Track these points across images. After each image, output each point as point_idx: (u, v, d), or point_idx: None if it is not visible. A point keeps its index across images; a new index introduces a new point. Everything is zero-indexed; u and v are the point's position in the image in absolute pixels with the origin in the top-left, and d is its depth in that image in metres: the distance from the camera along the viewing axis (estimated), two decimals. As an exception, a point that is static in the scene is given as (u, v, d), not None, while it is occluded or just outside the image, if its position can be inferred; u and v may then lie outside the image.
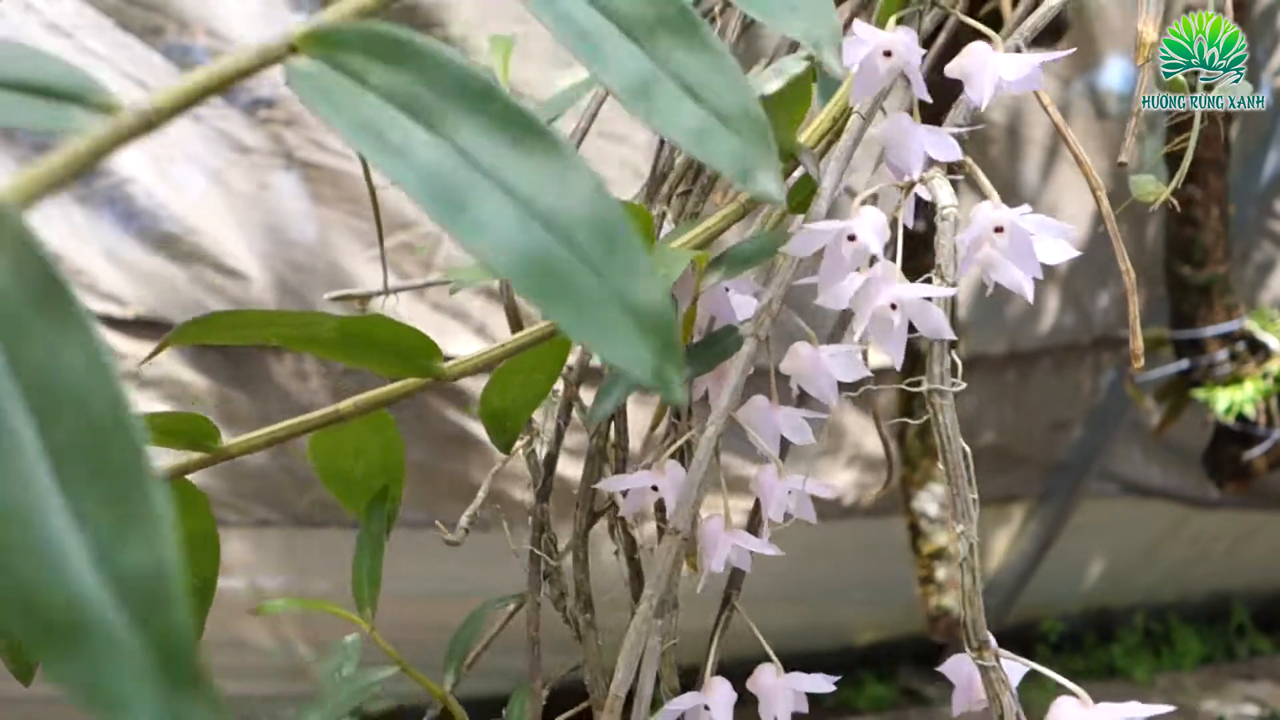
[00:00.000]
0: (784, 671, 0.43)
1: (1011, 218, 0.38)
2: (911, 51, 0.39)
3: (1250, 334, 1.41)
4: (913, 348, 1.34)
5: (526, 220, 0.23)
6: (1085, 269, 1.99)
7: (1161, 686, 2.36)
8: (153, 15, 1.35)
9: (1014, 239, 0.38)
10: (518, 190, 0.23)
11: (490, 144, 0.23)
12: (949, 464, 0.36)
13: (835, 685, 0.41)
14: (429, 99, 0.24)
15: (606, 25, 0.27)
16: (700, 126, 0.27)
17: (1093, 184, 0.45)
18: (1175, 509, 2.26)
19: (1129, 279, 0.44)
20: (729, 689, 0.42)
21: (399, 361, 0.40)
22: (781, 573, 2.26)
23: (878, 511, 1.93)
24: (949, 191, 0.40)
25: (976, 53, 0.40)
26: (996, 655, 0.36)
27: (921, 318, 0.37)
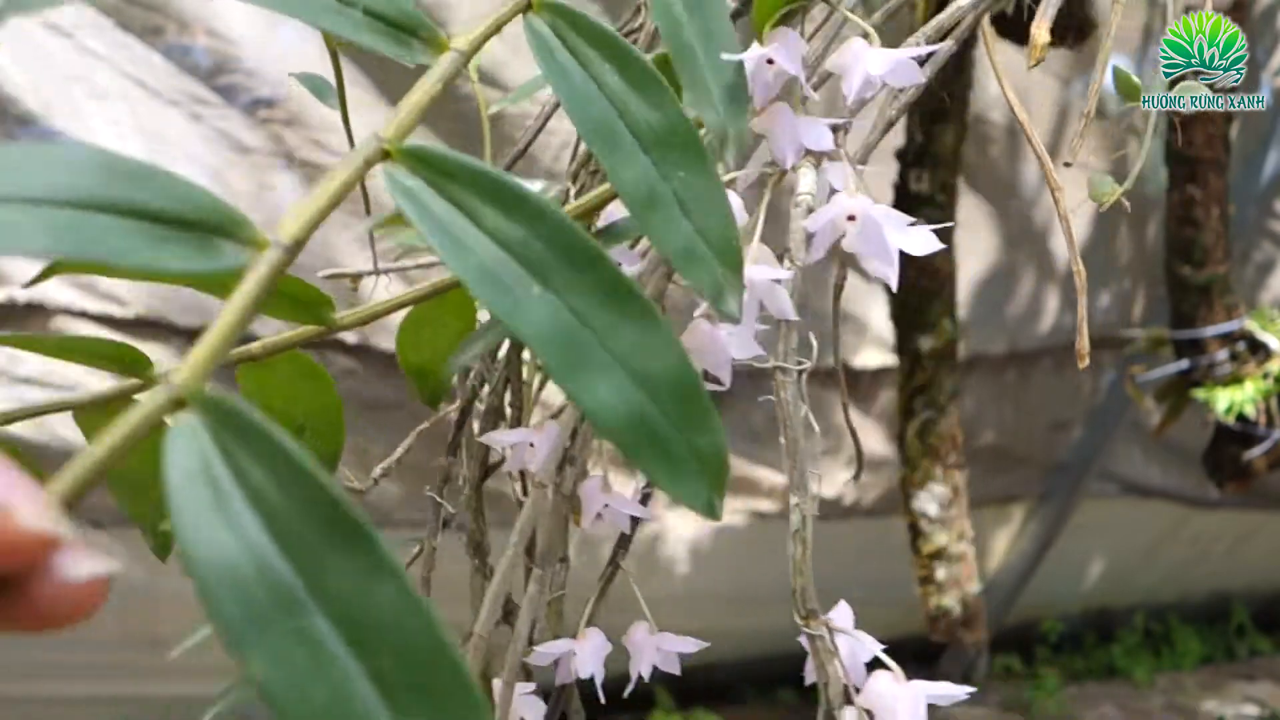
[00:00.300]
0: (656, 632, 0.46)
1: (863, 206, 0.39)
2: (791, 56, 0.40)
3: (1250, 334, 1.42)
4: (913, 347, 1.35)
5: (629, 384, 0.26)
6: (1085, 269, 1.99)
7: (1161, 686, 2.36)
8: (153, 15, 1.35)
9: (865, 227, 0.39)
10: (622, 354, 0.26)
11: (600, 308, 0.26)
12: (789, 439, 0.38)
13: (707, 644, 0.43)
14: (542, 254, 0.26)
15: (631, 140, 0.31)
16: (688, 246, 0.32)
17: (1052, 183, 0.45)
18: (1175, 509, 2.26)
19: (1079, 278, 0.45)
20: (602, 639, 0.44)
21: (295, 309, 0.42)
22: (781, 574, 2.23)
23: (878, 511, 1.93)
24: (810, 180, 0.41)
25: (852, 49, 0.41)
26: (827, 626, 0.36)
27: (770, 298, 0.38)
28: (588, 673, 0.43)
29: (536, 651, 0.42)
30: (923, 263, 1.35)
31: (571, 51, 0.32)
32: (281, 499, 0.20)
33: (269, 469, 0.20)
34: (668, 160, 0.32)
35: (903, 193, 1.36)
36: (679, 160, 0.32)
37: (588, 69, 0.32)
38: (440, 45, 0.30)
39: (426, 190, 0.26)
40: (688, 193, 0.32)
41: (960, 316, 1.42)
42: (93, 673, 1.49)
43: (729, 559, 1.81)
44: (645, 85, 0.32)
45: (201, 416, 0.20)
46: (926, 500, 1.40)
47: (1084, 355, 0.44)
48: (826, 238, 0.40)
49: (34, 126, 1.32)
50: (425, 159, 0.26)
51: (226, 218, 0.23)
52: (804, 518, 0.37)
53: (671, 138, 0.32)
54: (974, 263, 1.82)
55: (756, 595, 1.91)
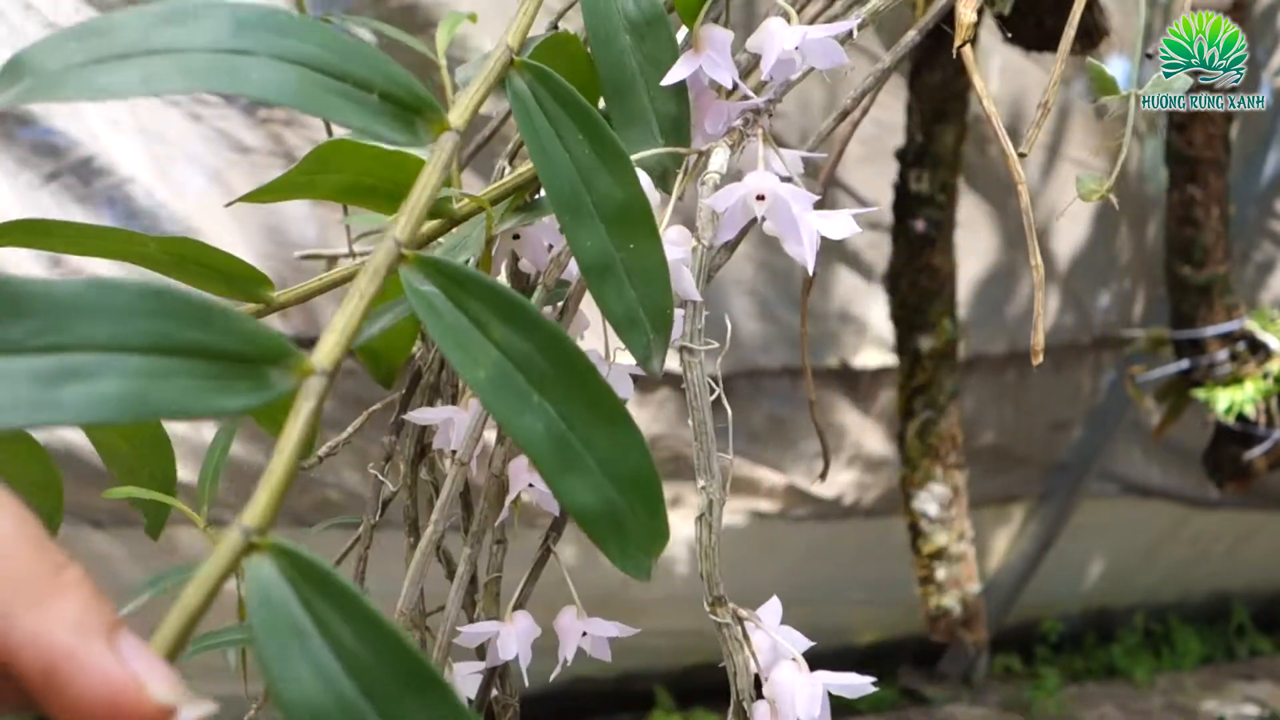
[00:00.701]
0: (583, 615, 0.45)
1: (771, 185, 0.39)
2: (722, 63, 0.41)
3: (1250, 334, 1.41)
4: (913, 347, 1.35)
5: (604, 482, 0.29)
6: (1085, 269, 1.99)
7: (1161, 686, 2.36)
8: (152, 15, 1.35)
9: (775, 206, 0.39)
10: (600, 458, 0.29)
11: (588, 418, 0.29)
12: (695, 421, 0.38)
13: None
14: (543, 367, 0.28)
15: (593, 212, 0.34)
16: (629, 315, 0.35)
17: (1016, 176, 0.45)
18: (1175, 509, 2.26)
19: (1038, 274, 0.45)
20: (530, 623, 0.44)
21: (228, 286, 0.42)
22: (782, 574, 2.25)
23: (878, 511, 1.93)
24: (722, 159, 0.41)
25: (768, 27, 0.41)
26: (736, 614, 0.36)
27: (674, 278, 0.38)
28: (511, 654, 0.42)
29: (463, 632, 0.42)
30: (923, 263, 1.35)
31: (549, 118, 0.34)
32: (360, 646, 0.21)
33: (345, 617, 0.21)
34: (622, 233, 0.35)
35: (903, 193, 1.36)
36: (631, 233, 0.35)
37: (563, 138, 0.34)
38: (441, 125, 0.31)
39: (440, 297, 0.28)
40: (635, 263, 0.35)
41: (960, 316, 1.42)
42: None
43: (729, 559, 1.80)
44: (613, 161, 0.34)
45: (275, 560, 0.22)
46: (926, 500, 1.40)
47: (1038, 352, 0.44)
48: (737, 218, 0.40)
49: (34, 126, 1.32)
50: (439, 268, 0.28)
51: (277, 347, 0.24)
52: (711, 502, 0.37)
53: (628, 212, 0.35)
54: (974, 263, 1.82)
55: (756, 595, 1.89)
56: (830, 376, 1.84)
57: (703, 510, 0.37)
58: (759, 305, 1.73)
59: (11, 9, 1.28)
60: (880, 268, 1.59)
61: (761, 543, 1.87)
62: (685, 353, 0.38)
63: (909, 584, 1.44)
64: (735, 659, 0.36)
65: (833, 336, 1.81)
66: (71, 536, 1.45)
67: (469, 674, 0.44)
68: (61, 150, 1.33)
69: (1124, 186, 1.98)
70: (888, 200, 1.39)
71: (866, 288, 1.79)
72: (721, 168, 0.41)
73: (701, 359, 0.39)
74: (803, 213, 0.40)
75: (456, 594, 0.41)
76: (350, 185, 0.42)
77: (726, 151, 0.41)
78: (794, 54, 0.40)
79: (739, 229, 0.41)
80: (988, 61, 1.63)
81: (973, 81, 0.45)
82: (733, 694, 0.36)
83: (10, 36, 1.28)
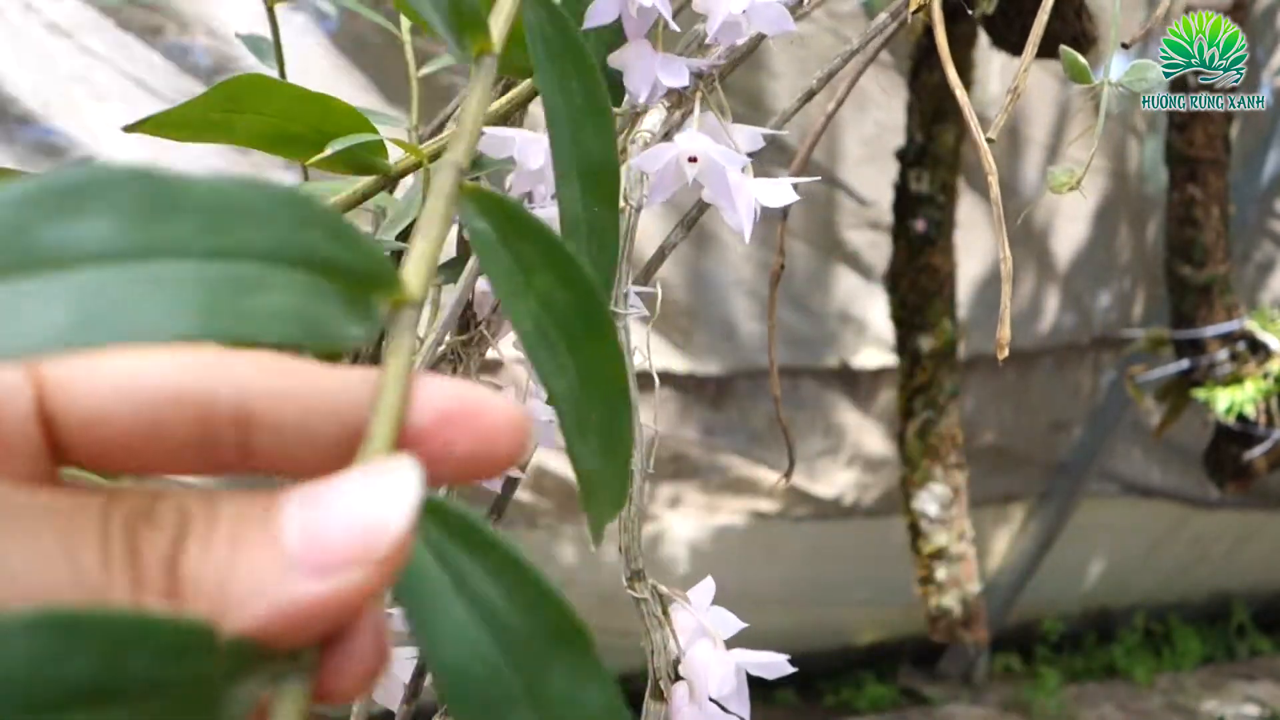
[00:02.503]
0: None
1: (704, 146, 0.38)
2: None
3: (1250, 334, 1.41)
4: (913, 347, 1.36)
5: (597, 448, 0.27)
6: (1085, 269, 1.99)
7: (1162, 687, 2.36)
8: (153, 15, 1.35)
9: (708, 169, 0.38)
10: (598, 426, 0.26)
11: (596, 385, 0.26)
12: None
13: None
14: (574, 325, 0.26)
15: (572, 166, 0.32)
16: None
17: (987, 167, 0.45)
18: (1175, 509, 2.26)
19: (1005, 266, 0.44)
20: None
21: None
22: (782, 574, 2.25)
23: (878, 511, 1.93)
24: (656, 119, 0.40)
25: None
26: (655, 590, 0.35)
27: None
28: None
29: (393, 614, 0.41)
30: (923, 263, 1.35)
31: (552, 58, 0.32)
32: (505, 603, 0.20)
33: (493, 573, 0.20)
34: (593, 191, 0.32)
35: (903, 193, 1.36)
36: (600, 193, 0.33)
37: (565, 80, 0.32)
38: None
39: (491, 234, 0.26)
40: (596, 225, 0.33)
41: (960, 316, 1.43)
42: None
43: (729, 559, 1.81)
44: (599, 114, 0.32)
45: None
46: (926, 500, 1.40)
47: (1004, 346, 0.44)
48: (669, 180, 0.39)
49: (34, 126, 1.32)
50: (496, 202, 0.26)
51: (388, 271, 0.20)
52: (630, 473, 0.35)
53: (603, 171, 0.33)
54: (974, 263, 1.82)
55: (756, 595, 1.91)
56: (830, 376, 1.84)
57: None
58: (759, 305, 1.73)
59: (11, 9, 1.28)
60: (880, 268, 1.59)
61: (761, 543, 1.87)
62: None
63: (909, 584, 1.44)
64: (653, 637, 0.35)
65: (833, 336, 1.81)
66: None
67: (404, 659, 0.42)
68: (61, 150, 1.33)
69: (1124, 186, 1.98)
70: (888, 200, 1.40)
71: (866, 288, 1.79)
72: (655, 127, 0.39)
73: (626, 324, 0.37)
74: (740, 179, 0.38)
75: None
76: (274, 132, 0.38)
77: (662, 112, 0.40)
78: (741, 18, 0.39)
79: (669, 192, 0.39)
80: (987, 63, 1.63)
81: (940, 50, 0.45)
82: (649, 674, 0.35)
83: (11, 37, 1.28)
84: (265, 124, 0.38)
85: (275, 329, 0.18)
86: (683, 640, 0.35)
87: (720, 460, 1.79)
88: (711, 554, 1.81)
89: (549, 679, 0.20)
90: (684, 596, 0.36)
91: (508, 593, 0.20)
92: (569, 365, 0.26)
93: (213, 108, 0.37)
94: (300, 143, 0.38)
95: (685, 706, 0.34)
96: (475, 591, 0.20)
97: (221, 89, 0.37)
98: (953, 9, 0.50)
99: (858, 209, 1.77)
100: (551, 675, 0.20)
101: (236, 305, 0.17)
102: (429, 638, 0.19)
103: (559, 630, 0.20)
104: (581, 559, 1.71)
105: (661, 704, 0.35)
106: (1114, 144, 1.92)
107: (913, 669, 2.29)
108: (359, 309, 0.20)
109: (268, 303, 0.18)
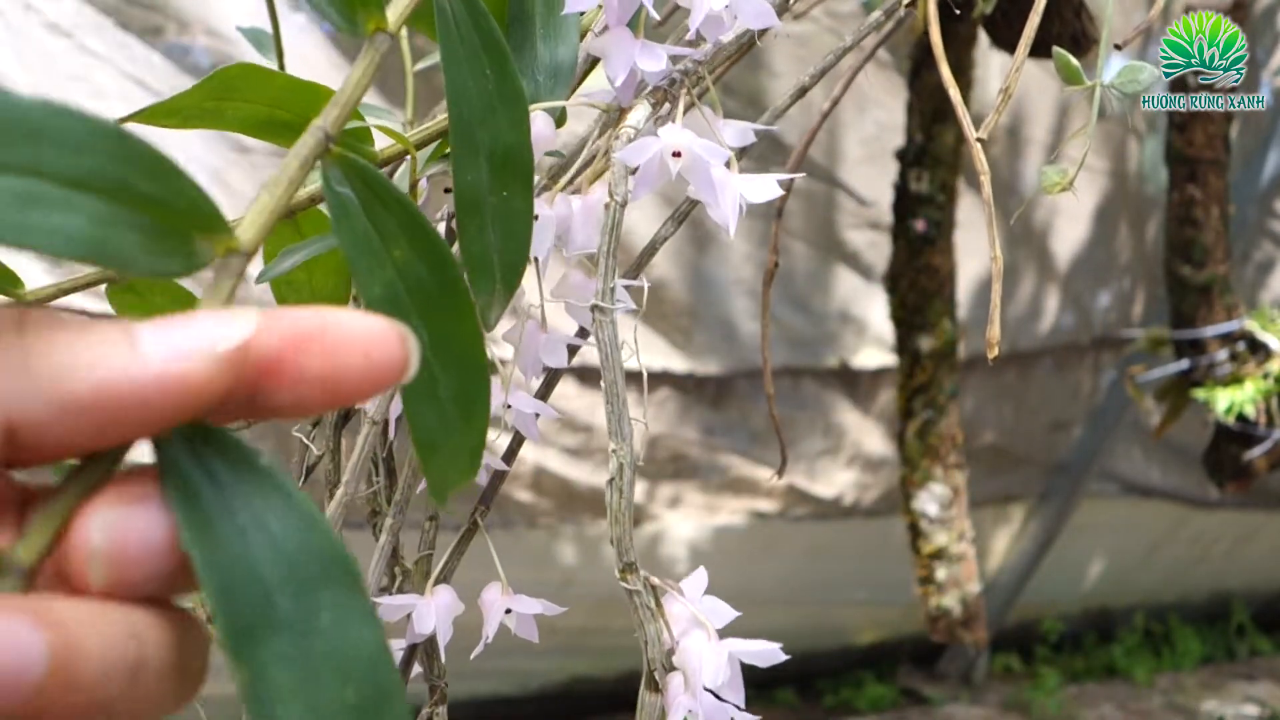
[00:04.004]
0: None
1: (688, 141, 0.38)
2: None
3: (1250, 334, 1.41)
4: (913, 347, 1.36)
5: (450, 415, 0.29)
6: (1085, 269, 1.99)
7: (1162, 687, 2.36)
8: (153, 15, 1.35)
9: (692, 164, 0.38)
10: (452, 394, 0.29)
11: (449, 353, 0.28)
12: (607, 381, 0.36)
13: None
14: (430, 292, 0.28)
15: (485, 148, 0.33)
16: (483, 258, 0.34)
17: (979, 167, 0.44)
18: (1175, 509, 2.26)
19: (996, 265, 0.44)
20: (452, 598, 0.42)
21: None
22: (782, 574, 2.25)
23: (878, 511, 1.93)
24: (642, 115, 0.40)
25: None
26: (648, 582, 0.35)
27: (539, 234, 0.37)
28: (429, 629, 0.41)
29: (382, 604, 0.41)
30: (923, 263, 1.35)
31: (463, 38, 0.32)
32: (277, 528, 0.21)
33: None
34: (501, 177, 0.33)
35: (903, 193, 1.36)
36: (509, 180, 0.33)
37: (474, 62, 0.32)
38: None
39: (354, 201, 0.27)
40: (502, 211, 0.34)
41: (960, 316, 1.42)
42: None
43: (729, 558, 1.81)
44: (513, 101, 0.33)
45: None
46: (926, 500, 1.40)
47: (994, 345, 0.44)
48: (653, 175, 0.39)
49: (34, 126, 1.32)
50: (359, 170, 0.27)
51: (213, 216, 0.22)
52: (621, 466, 0.35)
53: (512, 158, 0.33)
54: (974, 263, 1.82)
55: (756, 595, 1.91)
56: (830, 376, 1.84)
57: (613, 473, 0.35)
58: (759, 305, 1.73)
59: (11, 9, 1.28)
60: (880, 268, 1.59)
61: (761, 543, 1.87)
62: (596, 311, 0.37)
63: (909, 584, 1.44)
64: (647, 629, 0.35)
65: (833, 336, 1.81)
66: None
67: None
68: (61, 150, 1.33)
69: (1124, 186, 1.98)
70: (888, 200, 1.40)
71: (866, 288, 1.79)
72: (639, 123, 0.39)
73: (613, 319, 0.37)
74: (725, 175, 0.38)
75: (377, 565, 0.40)
76: (264, 119, 0.39)
77: (647, 108, 0.40)
78: (723, 12, 0.39)
79: (652, 186, 0.39)
80: (988, 62, 1.63)
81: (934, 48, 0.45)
82: (644, 665, 0.35)
83: (11, 37, 1.28)
84: (255, 111, 0.38)
85: (59, 246, 0.19)
86: (676, 631, 0.36)
87: (720, 460, 1.79)
88: (711, 554, 1.81)
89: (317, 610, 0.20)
90: (676, 587, 0.36)
91: (279, 517, 0.20)
92: (421, 334, 0.27)
93: (205, 96, 0.38)
94: (289, 129, 0.38)
95: (680, 696, 0.34)
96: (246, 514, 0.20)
97: (214, 78, 0.37)
98: (948, 8, 0.50)
99: (858, 209, 1.77)
100: (320, 607, 0.20)
101: (20, 218, 0.19)
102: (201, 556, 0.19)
103: (328, 560, 0.20)
104: (581, 559, 1.71)
105: (657, 695, 0.35)
106: (1114, 144, 1.92)
107: (913, 669, 2.29)
108: (172, 246, 0.21)
109: (58, 221, 0.19)
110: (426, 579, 0.43)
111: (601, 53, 0.40)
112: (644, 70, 0.39)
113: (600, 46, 0.40)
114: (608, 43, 0.40)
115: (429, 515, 0.44)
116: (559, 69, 0.40)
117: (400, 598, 0.42)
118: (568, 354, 0.43)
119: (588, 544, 1.73)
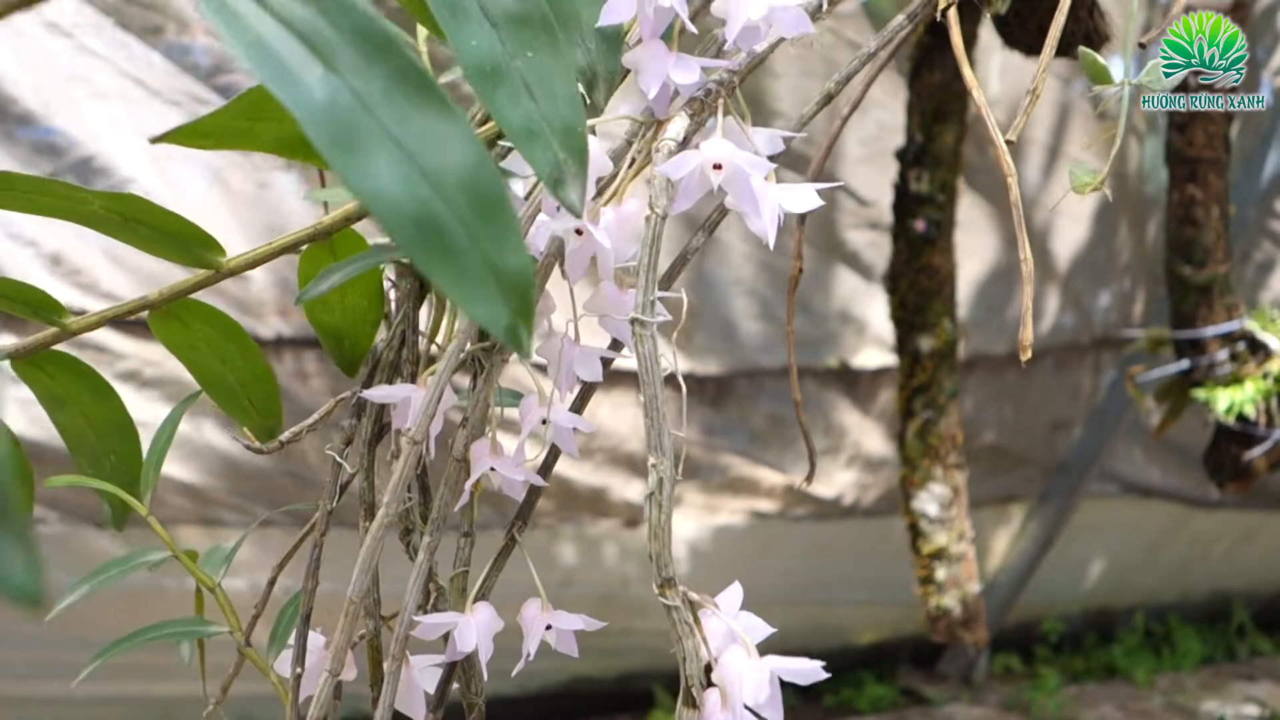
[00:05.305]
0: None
1: (729, 153, 0.38)
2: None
3: (1250, 334, 1.41)
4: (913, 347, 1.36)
5: (414, 175, 0.24)
6: (1085, 269, 1.99)
7: (1162, 687, 2.36)
8: (152, 15, 1.35)
9: (732, 176, 0.38)
10: (407, 144, 0.24)
11: (385, 94, 0.24)
12: (646, 396, 0.36)
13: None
14: (329, 35, 0.25)
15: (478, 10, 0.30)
16: (528, 126, 0.30)
17: (1006, 170, 0.44)
18: (1175, 509, 2.26)
19: (1026, 267, 0.44)
20: (491, 615, 0.42)
21: (177, 249, 0.40)
22: (782, 574, 2.25)
23: (878, 511, 1.93)
24: (680, 127, 0.40)
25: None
26: (686, 597, 0.35)
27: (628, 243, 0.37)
28: (470, 647, 0.40)
29: (422, 623, 0.40)
30: (923, 263, 1.35)
31: None
32: None
33: None
34: (517, 38, 0.30)
35: (903, 193, 1.36)
36: (529, 40, 0.31)
37: None
38: None
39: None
40: (534, 73, 0.31)
41: (960, 316, 1.42)
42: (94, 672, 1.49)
43: (729, 558, 1.81)
44: None
45: None
46: (926, 500, 1.40)
47: (1026, 347, 0.43)
48: (694, 187, 0.39)
49: (34, 126, 1.32)
50: None
51: None
52: (661, 480, 0.35)
53: (524, 18, 0.31)
54: (974, 263, 1.82)
55: (756, 595, 1.90)
56: (830, 376, 1.84)
57: (652, 488, 0.35)
58: (760, 305, 1.73)
59: (12, 9, 1.28)
60: (880, 268, 1.59)
61: (761, 542, 1.87)
62: (636, 325, 0.36)
63: (909, 584, 1.44)
64: (685, 644, 0.35)
65: (833, 336, 1.81)
66: (70, 536, 1.45)
67: (427, 666, 0.42)
68: (61, 150, 1.33)
69: (1124, 186, 1.98)
70: (888, 200, 1.40)
71: (866, 288, 1.79)
72: (678, 135, 0.39)
73: (653, 332, 0.37)
74: (764, 185, 0.39)
75: (415, 583, 0.40)
76: (292, 137, 0.38)
77: (685, 120, 0.40)
78: (760, 22, 0.39)
79: (693, 199, 0.39)
80: (987, 62, 1.63)
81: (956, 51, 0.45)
82: (682, 681, 0.35)
83: (11, 37, 1.28)
84: (286, 130, 0.38)
85: None
86: (713, 646, 0.35)
87: (720, 460, 1.79)
88: (711, 554, 1.81)
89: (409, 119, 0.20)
90: (713, 603, 0.36)
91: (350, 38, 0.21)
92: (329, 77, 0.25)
93: (236, 116, 0.37)
94: None
95: (718, 713, 0.34)
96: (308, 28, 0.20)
97: (244, 97, 0.36)
98: (960, 9, 0.50)
99: (858, 209, 1.77)
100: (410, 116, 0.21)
101: None
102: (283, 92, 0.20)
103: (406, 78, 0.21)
104: (581, 559, 1.71)
105: (694, 711, 0.35)
106: (1108, 137, 1.91)
107: (913, 669, 2.29)
108: None
109: None
110: (462, 595, 0.43)
111: (635, 65, 0.40)
112: (678, 83, 0.39)
113: (634, 60, 0.40)
114: (642, 56, 0.40)
115: (463, 531, 0.44)
116: (606, 33, 0.39)
117: (440, 616, 0.41)
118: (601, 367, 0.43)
119: (588, 544, 1.72)
